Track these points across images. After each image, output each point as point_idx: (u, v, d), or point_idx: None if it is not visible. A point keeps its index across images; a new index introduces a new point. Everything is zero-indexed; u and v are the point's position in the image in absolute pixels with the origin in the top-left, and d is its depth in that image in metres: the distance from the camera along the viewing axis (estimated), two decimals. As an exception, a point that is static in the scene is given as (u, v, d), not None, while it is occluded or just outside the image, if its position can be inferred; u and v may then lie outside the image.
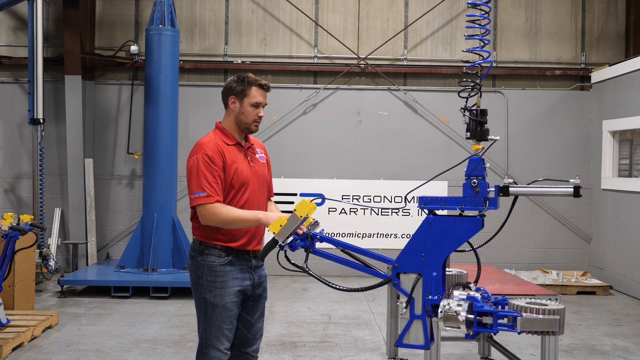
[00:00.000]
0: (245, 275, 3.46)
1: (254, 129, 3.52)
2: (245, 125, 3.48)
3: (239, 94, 3.47)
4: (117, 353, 5.68)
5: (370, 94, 9.91)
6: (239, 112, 3.47)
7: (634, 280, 8.50)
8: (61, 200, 9.65)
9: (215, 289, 3.38)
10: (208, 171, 3.32)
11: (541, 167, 9.79)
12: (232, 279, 3.41)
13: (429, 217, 2.72)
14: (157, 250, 8.17)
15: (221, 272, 3.39)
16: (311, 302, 7.88)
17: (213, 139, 3.44)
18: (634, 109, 8.56)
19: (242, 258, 3.44)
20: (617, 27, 10.10)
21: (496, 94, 9.86)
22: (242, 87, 3.46)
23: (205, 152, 3.35)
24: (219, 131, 3.53)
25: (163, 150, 8.26)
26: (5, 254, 5.73)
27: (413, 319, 2.69)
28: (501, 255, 9.57)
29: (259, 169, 3.58)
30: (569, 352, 5.93)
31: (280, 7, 9.96)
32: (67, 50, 9.28)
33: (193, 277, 3.47)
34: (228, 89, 3.51)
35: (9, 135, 9.74)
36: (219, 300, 3.37)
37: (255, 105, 3.47)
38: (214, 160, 3.34)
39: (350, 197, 9.74)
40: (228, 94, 3.50)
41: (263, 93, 3.51)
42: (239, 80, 3.48)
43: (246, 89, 3.46)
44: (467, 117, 2.83)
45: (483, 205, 2.71)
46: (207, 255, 3.41)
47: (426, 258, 2.71)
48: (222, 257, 3.40)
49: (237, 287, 3.41)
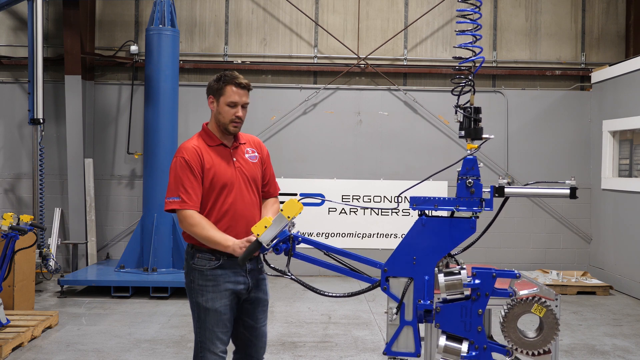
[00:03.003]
0: (239, 279, 3.37)
1: (232, 129, 3.35)
2: (223, 125, 3.34)
3: (216, 93, 3.34)
4: (117, 353, 5.68)
5: (370, 94, 9.91)
6: (217, 112, 3.34)
7: (634, 280, 8.50)
8: (61, 200, 9.64)
9: (206, 292, 3.32)
10: (184, 176, 3.24)
11: (541, 167, 9.78)
12: (223, 282, 3.33)
13: (421, 219, 2.61)
14: (157, 250, 8.17)
15: (212, 275, 3.32)
16: (311, 302, 7.88)
17: (195, 142, 3.35)
18: (634, 109, 8.55)
19: (234, 261, 3.31)
20: (617, 27, 10.10)
21: (496, 94, 9.85)
22: (218, 85, 3.32)
23: (183, 155, 3.28)
24: (203, 132, 3.43)
25: (163, 150, 8.26)
26: (5, 254, 5.73)
27: (403, 325, 2.58)
28: (501, 255, 9.56)
29: (248, 169, 3.43)
30: (569, 352, 5.93)
31: (280, 7, 9.96)
32: (67, 50, 9.28)
33: (186, 280, 3.43)
34: (208, 88, 3.40)
35: (9, 135, 9.74)
36: (210, 304, 3.31)
37: (232, 104, 3.30)
38: (190, 164, 3.25)
39: (350, 197, 9.74)
40: (207, 94, 3.40)
41: (241, 92, 3.32)
42: (217, 79, 3.34)
43: (222, 88, 3.31)
44: (461, 114, 2.75)
45: (479, 206, 2.64)
46: (198, 259, 3.35)
47: (418, 261, 2.59)
48: (212, 261, 3.32)
49: (228, 290, 3.33)
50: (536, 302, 2.45)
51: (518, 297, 2.47)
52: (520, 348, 2.44)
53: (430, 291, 2.56)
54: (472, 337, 2.49)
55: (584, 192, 9.85)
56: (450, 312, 2.50)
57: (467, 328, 2.49)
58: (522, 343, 2.44)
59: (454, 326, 2.49)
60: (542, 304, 2.46)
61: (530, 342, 2.46)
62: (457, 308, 2.51)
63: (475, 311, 2.50)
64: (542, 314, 2.43)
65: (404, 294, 2.56)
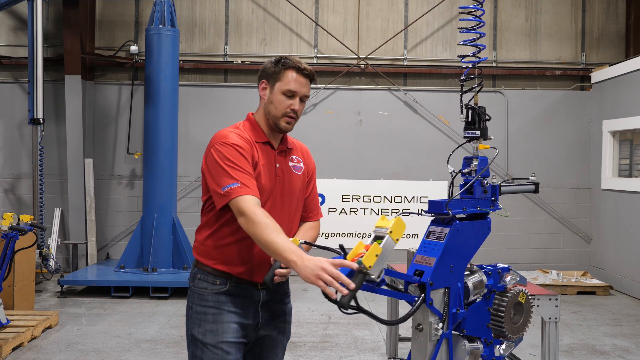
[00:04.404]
0: (248, 312, 2.67)
1: (284, 125, 2.72)
2: (274, 119, 2.71)
3: (271, 77, 2.71)
4: (117, 353, 5.68)
5: (370, 94, 9.91)
6: (269, 101, 2.71)
7: (634, 280, 8.50)
8: (61, 200, 9.64)
9: (205, 322, 2.65)
10: (237, 160, 2.56)
11: (541, 167, 9.78)
12: (227, 311, 2.64)
13: (456, 224, 2.47)
14: (157, 250, 8.17)
15: (214, 301, 2.65)
16: (311, 302, 7.88)
17: (239, 132, 2.69)
18: (634, 109, 8.56)
19: (245, 289, 2.66)
20: (617, 27, 10.10)
21: (496, 94, 9.86)
22: (275, 68, 2.71)
23: (232, 141, 2.61)
24: (248, 123, 2.77)
25: (163, 150, 8.26)
26: (5, 254, 5.73)
27: (442, 339, 2.40)
28: (501, 255, 9.55)
29: (290, 181, 2.77)
30: (569, 352, 5.93)
31: (280, 7, 9.96)
32: (67, 50, 9.28)
33: (187, 304, 2.80)
34: (262, 71, 2.78)
35: (9, 135, 9.74)
36: (210, 339, 2.63)
37: (289, 94, 2.68)
38: (241, 150, 2.59)
39: (350, 197, 9.74)
40: (260, 78, 2.78)
41: (303, 80, 2.69)
42: (275, 62, 2.74)
43: (280, 72, 2.69)
44: (470, 113, 2.75)
45: (491, 206, 2.66)
46: (199, 280, 2.70)
47: (454, 269, 2.46)
48: (216, 284, 2.66)
49: (234, 322, 2.64)
50: (521, 290, 2.57)
51: (509, 288, 2.56)
52: (513, 334, 2.54)
53: (461, 299, 2.50)
54: (484, 335, 2.53)
55: (584, 192, 9.85)
56: (472, 315, 2.52)
57: (480, 327, 2.52)
58: (513, 330, 2.54)
59: (474, 328, 2.51)
60: (523, 291, 2.58)
61: (517, 327, 2.56)
62: (476, 309, 2.53)
63: (486, 309, 2.54)
64: (524, 300, 2.55)
65: (446, 306, 2.41)
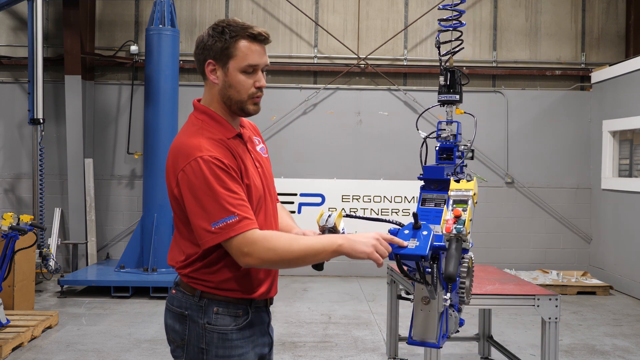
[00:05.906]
0: (265, 340, 2.31)
1: (253, 108, 2.18)
2: (239, 104, 2.15)
3: (220, 55, 2.12)
4: (117, 353, 5.68)
5: (370, 94, 9.91)
6: (226, 86, 2.14)
7: (634, 280, 8.50)
8: (61, 200, 9.65)
9: None
10: (228, 179, 2.04)
11: (541, 167, 9.79)
12: (252, 347, 2.23)
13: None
14: (157, 250, 8.17)
15: (239, 339, 2.17)
16: (311, 302, 7.88)
17: (209, 134, 2.12)
18: (634, 109, 8.56)
19: (260, 314, 2.28)
20: (617, 27, 10.10)
21: (496, 94, 9.86)
22: (222, 43, 2.10)
23: (210, 153, 2.04)
24: (209, 119, 2.17)
25: (163, 150, 8.25)
26: (5, 254, 5.73)
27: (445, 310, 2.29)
28: (501, 255, 9.55)
29: (267, 169, 2.35)
30: (569, 352, 5.93)
31: (280, 7, 9.97)
32: (67, 50, 9.29)
33: (190, 350, 2.22)
34: (203, 48, 2.15)
35: (9, 135, 9.74)
36: None
37: (249, 69, 2.12)
38: (226, 164, 2.06)
39: (350, 198, 9.74)
40: (203, 57, 2.16)
41: (259, 48, 2.13)
42: (219, 32, 2.11)
43: (229, 46, 2.10)
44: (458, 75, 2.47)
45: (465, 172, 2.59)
46: (217, 316, 2.15)
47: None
48: (239, 317, 2.17)
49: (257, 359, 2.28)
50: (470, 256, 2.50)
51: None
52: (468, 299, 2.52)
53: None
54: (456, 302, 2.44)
55: (584, 192, 9.85)
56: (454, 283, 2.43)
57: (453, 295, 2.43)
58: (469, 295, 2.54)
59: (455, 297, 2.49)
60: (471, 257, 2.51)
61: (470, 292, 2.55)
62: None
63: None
64: (471, 264, 2.52)
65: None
